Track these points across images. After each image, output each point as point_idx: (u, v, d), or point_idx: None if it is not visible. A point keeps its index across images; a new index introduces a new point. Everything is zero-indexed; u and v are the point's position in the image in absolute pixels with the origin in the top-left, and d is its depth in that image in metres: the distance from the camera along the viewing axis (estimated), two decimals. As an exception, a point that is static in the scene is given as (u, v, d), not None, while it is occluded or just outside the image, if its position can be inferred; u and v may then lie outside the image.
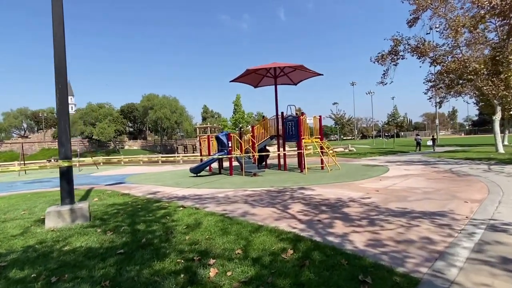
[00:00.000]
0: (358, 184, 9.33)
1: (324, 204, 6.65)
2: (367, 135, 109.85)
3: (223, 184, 10.63)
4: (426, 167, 12.76)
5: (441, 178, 9.55)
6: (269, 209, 6.49)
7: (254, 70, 14.16)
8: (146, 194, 9.43)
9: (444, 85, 21.15)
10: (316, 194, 7.96)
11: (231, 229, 4.91)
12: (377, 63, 19.88)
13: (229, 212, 6.35)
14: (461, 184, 8.31)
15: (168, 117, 50.02)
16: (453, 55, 18.56)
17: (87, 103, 47.79)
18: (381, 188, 8.32)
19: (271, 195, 8.17)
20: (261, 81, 16.33)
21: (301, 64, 13.04)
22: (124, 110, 61.86)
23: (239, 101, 47.69)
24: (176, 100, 54.50)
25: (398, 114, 36.51)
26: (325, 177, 11.22)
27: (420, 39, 18.85)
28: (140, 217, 6.10)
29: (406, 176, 10.40)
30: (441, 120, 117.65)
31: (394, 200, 6.69)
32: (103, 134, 43.79)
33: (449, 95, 35.62)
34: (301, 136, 13.23)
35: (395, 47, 19.24)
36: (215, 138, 14.34)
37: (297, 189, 8.84)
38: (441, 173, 10.75)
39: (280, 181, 10.71)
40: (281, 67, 14.34)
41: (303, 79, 16.29)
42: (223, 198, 8.08)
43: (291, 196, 7.80)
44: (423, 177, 9.95)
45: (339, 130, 41.63)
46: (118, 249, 4.22)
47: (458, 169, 11.55)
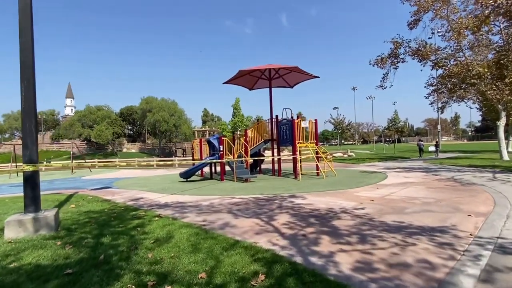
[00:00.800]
0: (353, 192, 8.74)
1: (313, 216, 6.07)
2: (368, 140, 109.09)
3: (211, 191, 10.06)
4: (427, 175, 12.14)
5: (442, 187, 8.94)
6: (252, 220, 5.92)
7: (247, 72, 13.66)
8: (128, 200, 8.88)
9: (446, 89, 20.54)
10: (307, 203, 7.38)
11: (202, 245, 4.34)
12: (377, 66, 19.32)
13: (209, 223, 5.79)
14: (464, 194, 7.71)
15: (166, 120, 49.52)
16: (455, 58, 17.99)
17: (86, 105, 47.63)
18: (377, 198, 7.72)
19: (258, 203, 7.59)
20: (256, 83, 15.82)
21: (295, 66, 12.52)
22: (123, 112, 61.53)
23: (238, 105, 47.25)
24: (175, 103, 54.16)
25: (399, 119, 35.92)
26: (319, 184, 10.63)
27: (421, 41, 18.30)
28: (110, 228, 5.54)
29: (405, 184, 9.79)
30: (444, 125, 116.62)
31: (390, 212, 6.09)
32: (101, 137, 43.30)
33: (451, 100, 35.12)
34: (296, 141, 12.66)
35: (395, 50, 18.68)
36: (206, 141, 13.80)
37: (287, 197, 8.26)
38: (442, 182, 10.14)
39: (271, 188, 10.13)
40: (276, 69, 13.84)
41: (299, 82, 15.77)
42: (207, 206, 7.52)
43: (279, 205, 7.22)
44: (423, 186, 9.35)
45: (339, 135, 40.89)
46: (69, 268, 3.66)
47: (461, 177, 10.93)
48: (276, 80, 15.49)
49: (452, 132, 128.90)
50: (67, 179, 17.37)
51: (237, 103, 47.64)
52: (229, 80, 14.37)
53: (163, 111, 50.38)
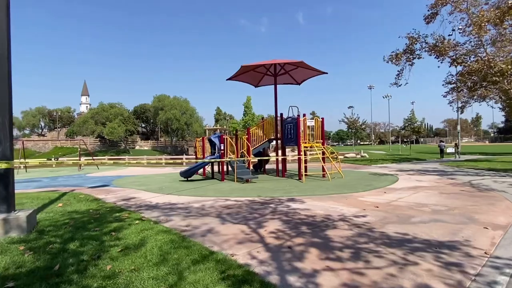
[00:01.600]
0: (358, 196, 8.06)
1: (306, 223, 5.47)
2: (385, 141, 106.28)
3: (207, 191, 9.60)
4: (442, 178, 11.25)
5: (457, 193, 8.12)
6: (239, 226, 5.39)
7: (250, 68, 13.10)
8: (119, 200, 8.55)
9: (466, 88, 19.33)
10: (304, 208, 6.78)
11: (172, 256, 3.85)
12: (391, 62, 18.36)
13: (192, 228, 5.31)
14: (481, 202, 6.90)
15: (178, 118, 49.67)
16: (476, 54, 16.81)
17: (99, 102, 48.38)
18: (383, 203, 7.03)
19: (252, 207, 7.05)
20: (262, 80, 15.25)
21: (301, 61, 11.87)
22: (137, 110, 62.25)
23: (249, 103, 46.77)
24: (187, 101, 54.20)
25: (415, 119, 34.35)
26: (323, 186, 9.98)
27: (439, 36, 17.22)
28: (84, 232, 5.15)
29: (416, 189, 9.00)
30: (464, 126, 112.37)
31: (394, 221, 5.42)
32: (113, 134, 43.87)
33: (471, 100, 33.36)
34: (300, 140, 12.02)
35: (411, 45, 17.68)
36: (207, 140, 13.36)
37: (285, 201, 7.68)
38: (458, 186, 9.28)
39: (271, 189, 9.56)
40: (281, 64, 13.22)
41: (306, 78, 15.08)
42: (197, 209, 7.04)
43: (273, 210, 6.66)
44: (436, 191, 8.55)
45: (353, 134, 39.62)
46: (13, 280, 3.25)
47: (479, 182, 10.01)
48: (282, 77, 14.88)
49: (473, 133, 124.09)
50: (71, 176, 17.38)
51: (248, 102, 47.13)
52: (232, 77, 13.87)
53: (174, 109, 50.57)
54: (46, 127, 70.01)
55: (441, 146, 26.85)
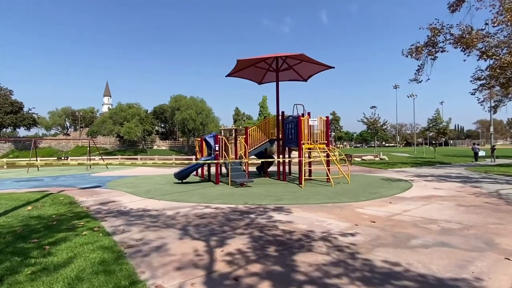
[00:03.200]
0: (356, 207, 6.93)
1: (279, 242, 4.51)
2: (412, 143, 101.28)
3: (192, 196, 8.80)
4: (464, 186, 9.78)
5: (479, 206, 6.78)
6: (196, 243, 4.53)
7: (248, 62, 12.17)
8: (96, 204, 7.97)
9: (498, 84, 17.30)
10: (286, 221, 5.80)
11: (83, 285, 3.05)
12: (411, 57, 16.73)
13: (141, 244, 4.53)
14: (507, 219, 5.59)
15: (194, 118, 49.63)
16: (509, 45, 14.88)
17: (117, 103, 49.46)
18: (382, 217, 5.89)
19: (228, 217, 6.16)
20: (265, 76, 14.30)
21: (301, 53, 10.80)
22: (156, 111, 63.15)
23: (265, 103, 45.90)
24: (203, 101, 54.18)
25: (441, 119, 31.58)
26: (321, 193, 8.89)
27: (466, 27, 15.42)
28: (20, 243, 4.52)
29: (429, 199, 7.71)
30: (499, 128, 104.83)
31: (387, 243, 4.33)
32: (130, 134, 44.55)
33: (506, 98, 30.45)
34: (301, 141, 10.97)
35: (433, 37, 15.99)
36: (204, 140, 12.61)
37: (269, 211, 6.72)
38: (481, 197, 7.87)
39: (262, 196, 8.61)
40: (283, 57, 12.18)
41: (312, 74, 13.95)
42: (167, 217, 6.26)
43: (249, 222, 5.73)
44: (453, 202, 7.23)
45: (373, 135, 37.46)
46: None
47: (508, 193, 8.51)
48: (286, 73, 13.87)
49: (509, 135, 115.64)
50: (74, 176, 17.28)
51: (264, 102, 46.27)
52: (231, 73, 13.03)
53: (190, 109, 50.59)
54: (71, 127, 72.87)
55: (474, 149, 25.49)
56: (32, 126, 54.89)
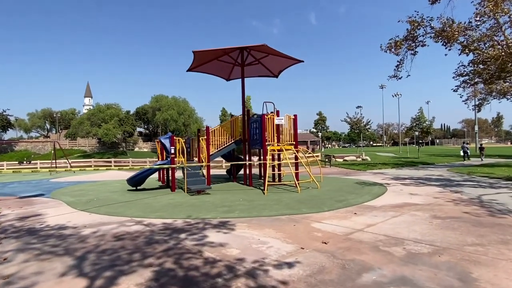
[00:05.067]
0: (314, 220, 5.82)
1: (188, 280, 3.34)
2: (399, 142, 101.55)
3: (130, 208, 7.53)
4: (443, 192, 8.80)
5: (457, 218, 5.75)
6: (76, 284, 3.32)
7: (208, 55, 10.97)
8: (14, 219, 6.80)
9: (480, 80, 16.55)
10: (220, 243, 4.63)
11: None
12: (389, 52, 15.84)
13: (3, 284, 3.31)
14: (488, 238, 4.54)
15: (175, 118, 47.96)
16: (491, 38, 14.09)
17: (96, 103, 47.29)
18: (339, 236, 4.78)
19: (151, 239, 4.96)
20: (232, 71, 13.12)
21: (263, 44, 9.65)
22: (139, 111, 61.21)
23: (249, 103, 44.73)
24: (186, 101, 52.46)
25: (424, 118, 31.10)
26: (282, 202, 7.76)
27: (448, 20, 14.59)
28: None
29: (401, 208, 6.66)
30: (484, 127, 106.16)
31: (329, 281, 3.20)
32: (108, 136, 42.64)
33: (490, 96, 30.06)
34: (265, 142, 9.85)
35: (413, 31, 15.12)
36: (160, 142, 11.35)
37: (209, 228, 5.55)
38: (461, 205, 6.87)
39: (212, 207, 7.42)
40: (247, 49, 10.99)
41: (282, 69, 12.83)
42: (76, 239, 5.03)
43: (172, 247, 4.54)
44: (428, 213, 6.18)
45: (356, 135, 36.63)
46: None
47: (491, 199, 7.54)
48: (255, 68, 12.74)
49: (494, 134, 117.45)
50: (30, 182, 15.73)
51: (247, 102, 45.11)
52: (192, 67, 11.80)
53: (172, 109, 48.92)
54: (52, 129, 70.14)
55: (464, 148, 25.30)
56: (7, 128, 52.32)
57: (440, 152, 40.33)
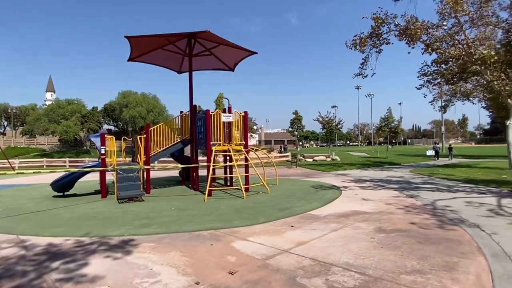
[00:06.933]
0: (240, 237, 4.84)
1: None
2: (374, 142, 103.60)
3: (25, 223, 6.18)
4: (399, 196, 8.14)
5: (403, 231, 4.97)
6: None
7: (146, 42, 9.71)
8: None
9: (443, 80, 16.38)
10: (93, 276, 3.52)
11: None
12: (354, 49, 15.26)
13: None
14: (433, 259, 3.75)
15: (143, 116, 45.60)
16: (452, 37, 13.82)
17: (54, 98, 43.94)
18: (256, 260, 3.81)
19: (2, 273, 3.75)
20: (183, 63, 11.92)
21: (206, 30, 8.57)
22: (107, 108, 58.11)
23: (220, 101, 43.37)
24: (156, 98, 50.17)
25: (393, 118, 31.55)
26: (218, 211, 6.74)
27: (411, 18, 14.19)
28: None
29: (346, 219, 5.83)
30: (451, 128, 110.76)
31: None
32: (68, 133, 39.76)
33: (454, 98, 30.70)
34: (209, 141, 8.80)
35: (377, 28, 14.62)
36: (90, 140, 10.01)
37: (101, 251, 4.42)
38: (412, 213, 6.15)
39: (129, 220, 6.24)
40: (191, 35, 9.79)
41: (237, 62, 11.81)
42: None
43: (18, 287, 3.37)
44: (374, 224, 5.38)
45: (327, 134, 36.53)
46: None
47: (446, 205, 6.91)
48: (209, 60, 11.63)
49: (460, 135, 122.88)
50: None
51: (219, 99, 43.69)
52: (132, 57, 10.52)
53: (140, 106, 46.60)
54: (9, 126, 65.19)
55: (435, 148, 26.13)
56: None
57: (409, 152, 41.01)
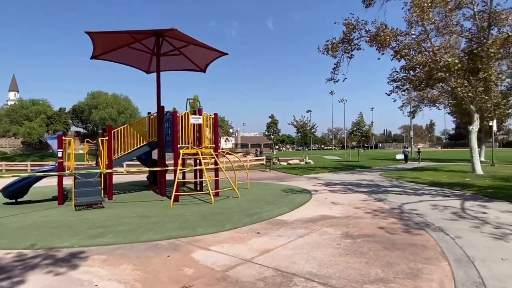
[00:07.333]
0: (201, 246, 4.54)
1: None
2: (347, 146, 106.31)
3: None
4: (367, 200, 8.18)
5: (369, 237, 4.90)
6: None
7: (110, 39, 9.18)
8: None
9: (411, 85, 16.99)
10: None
11: None
12: (327, 53, 15.48)
13: None
14: (395, 269, 3.66)
15: (114, 118, 43.82)
16: (419, 44, 14.37)
17: (18, 98, 41.25)
18: (215, 272, 3.55)
19: None
20: (152, 62, 11.45)
21: (173, 28, 8.25)
22: (76, 109, 55.45)
23: (195, 103, 42.58)
24: (128, 99, 48.41)
25: (364, 122, 32.62)
26: (182, 218, 6.39)
27: (381, 24, 14.62)
28: None
29: (314, 224, 5.71)
30: (419, 132, 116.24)
31: None
32: (31, 135, 37.38)
33: (422, 104, 32.20)
34: (177, 144, 8.43)
35: (348, 33, 14.92)
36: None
37: (44, 265, 3.97)
38: (379, 217, 6.14)
39: (83, 228, 5.76)
40: (160, 35, 9.39)
41: (209, 62, 11.52)
42: None
43: None
44: (341, 229, 5.28)
45: (303, 138, 37.01)
46: None
47: (412, 208, 6.99)
48: (179, 60, 11.24)
49: (427, 139, 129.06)
50: None
51: (194, 102, 42.93)
52: (96, 54, 9.94)
53: (111, 107, 44.82)
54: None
55: (405, 152, 27.37)
56: None
57: (380, 156, 42.42)
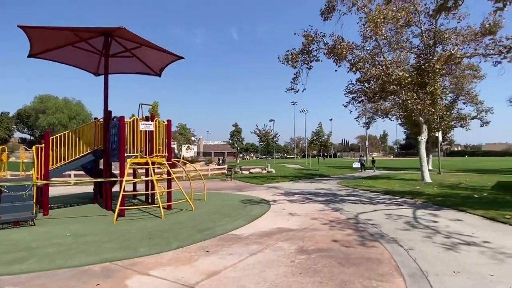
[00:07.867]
0: (140, 270, 3.99)
1: None
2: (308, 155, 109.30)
3: None
4: (325, 210, 8.10)
5: (324, 251, 4.69)
6: None
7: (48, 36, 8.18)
8: None
9: (365, 97, 17.73)
10: None
11: None
12: (287, 63, 15.63)
13: None
14: (352, 285, 3.44)
15: (64, 123, 40.49)
16: (373, 58, 15.08)
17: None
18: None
19: None
20: (101, 64, 10.56)
21: (122, 27, 7.63)
22: (21, 114, 50.52)
23: (156, 109, 40.98)
24: (80, 104, 44.93)
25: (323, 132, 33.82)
26: (125, 235, 5.72)
27: (338, 38, 15.12)
28: None
29: (269, 238, 5.39)
30: (374, 142, 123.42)
31: None
32: (-36, 141, 33.10)
33: (376, 115, 34.09)
34: (123, 153, 7.71)
35: (308, 45, 15.22)
36: None
37: None
38: (336, 229, 6.01)
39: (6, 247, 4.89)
40: (109, 34, 8.70)
41: (164, 66, 10.91)
42: None
43: None
44: (297, 244, 5.03)
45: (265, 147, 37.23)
46: None
47: (367, 218, 7.00)
48: (132, 62, 10.48)
49: (381, 149, 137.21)
50: None
51: (154, 108, 41.19)
52: (35, 53, 8.89)
53: (60, 112, 41.33)
54: None
55: (361, 160, 28.53)
56: None
57: (339, 164, 43.93)
